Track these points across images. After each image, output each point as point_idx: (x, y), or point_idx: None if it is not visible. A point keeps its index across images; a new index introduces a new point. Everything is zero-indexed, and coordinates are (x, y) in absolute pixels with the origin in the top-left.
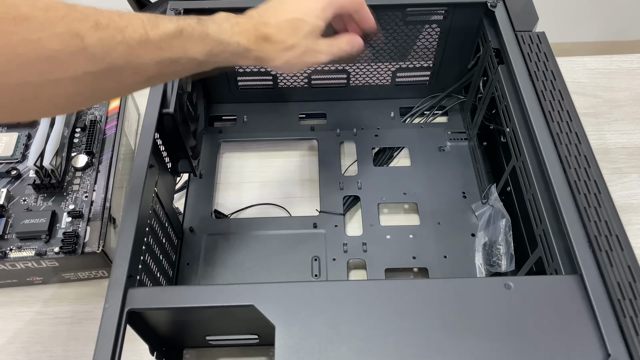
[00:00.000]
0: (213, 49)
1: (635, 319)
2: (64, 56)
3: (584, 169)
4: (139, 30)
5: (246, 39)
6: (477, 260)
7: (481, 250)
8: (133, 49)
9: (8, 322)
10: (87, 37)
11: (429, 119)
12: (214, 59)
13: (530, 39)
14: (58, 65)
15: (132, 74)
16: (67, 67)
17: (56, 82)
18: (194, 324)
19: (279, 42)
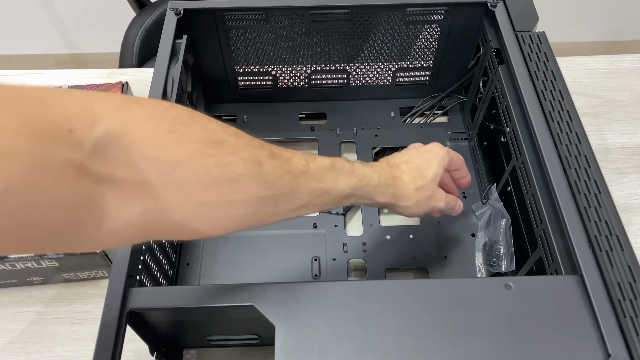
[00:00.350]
0: (358, 182)
1: (636, 319)
2: (245, 180)
3: (584, 169)
4: (302, 161)
5: (384, 176)
6: (477, 260)
7: (481, 251)
8: (296, 178)
9: (8, 322)
10: (264, 164)
11: (429, 119)
12: (358, 192)
13: (531, 39)
14: (238, 188)
15: (289, 201)
16: (244, 190)
17: (231, 204)
18: (194, 324)
19: (411, 182)
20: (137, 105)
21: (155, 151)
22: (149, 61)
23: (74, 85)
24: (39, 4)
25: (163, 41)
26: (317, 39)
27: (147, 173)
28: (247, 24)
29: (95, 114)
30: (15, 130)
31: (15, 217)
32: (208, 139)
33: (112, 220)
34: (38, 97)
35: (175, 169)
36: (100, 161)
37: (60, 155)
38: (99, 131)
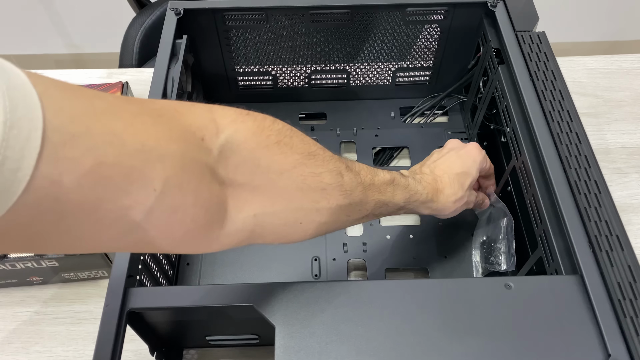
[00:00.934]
0: (411, 197)
1: (636, 319)
2: (331, 189)
3: (584, 169)
4: (368, 175)
5: (429, 191)
6: (474, 258)
7: (479, 248)
8: (366, 190)
9: (8, 322)
10: (344, 175)
11: (429, 119)
12: (409, 205)
13: (531, 39)
14: (325, 196)
15: (358, 211)
16: (329, 199)
17: (319, 211)
18: (194, 324)
19: (451, 195)
20: (250, 117)
21: (266, 159)
22: (149, 61)
23: None
24: (39, 4)
25: (163, 41)
26: (317, 39)
27: (260, 179)
28: (247, 24)
29: (218, 125)
30: (168, 137)
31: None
32: (306, 150)
33: (232, 223)
34: (174, 110)
35: (281, 177)
36: (225, 167)
37: (200, 159)
38: (222, 139)
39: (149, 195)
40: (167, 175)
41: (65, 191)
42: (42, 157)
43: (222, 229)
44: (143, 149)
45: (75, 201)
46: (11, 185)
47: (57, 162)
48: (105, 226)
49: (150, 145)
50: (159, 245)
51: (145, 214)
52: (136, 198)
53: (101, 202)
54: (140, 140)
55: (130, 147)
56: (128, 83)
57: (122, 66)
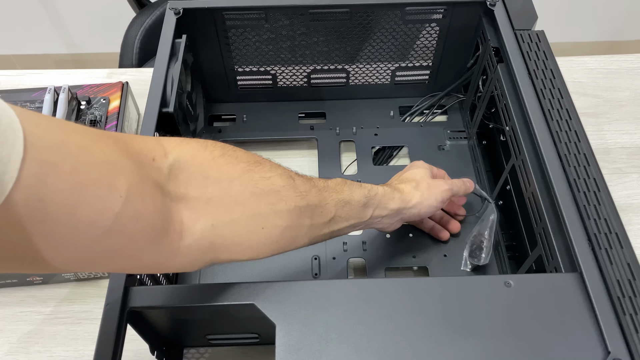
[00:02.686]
0: (369, 192)
1: (635, 316)
2: (285, 190)
3: (584, 167)
4: (320, 180)
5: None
6: (465, 252)
7: (469, 243)
8: (321, 191)
9: (8, 322)
10: (295, 179)
11: (428, 118)
12: (372, 201)
13: (530, 38)
14: (281, 198)
15: (320, 213)
16: (286, 200)
17: (278, 214)
18: (195, 322)
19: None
20: (192, 141)
21: (215, 171)
22: (149, 61)
23: (74, 86)
24: (39, 4)
25: (162, 41)
26: (317, 39)
27: (211, 190)
28: (247, 24)
29: (165, 147)
30: (126, 155)
31: (132, 222)
32: (251, 159)
33: (190, 234)
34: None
35: (231, 184)
36: (176, 183)
37: (153, 176)
38: (171, 159)
39: (116, 202)
40: (129, 184)
41: (49, 192)
42: (27, 160)
43: (181, 240)
44: (108, 161)
45: (57, 203)
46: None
47: (41, 165)
48: (81, 231)
49: (114, 159)
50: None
51: (114, 219)
52: (106, 203)
53: (78, 206)
54: (105, 154)
55: (98, 159)
56: (128, 83)
57: (122, 66)
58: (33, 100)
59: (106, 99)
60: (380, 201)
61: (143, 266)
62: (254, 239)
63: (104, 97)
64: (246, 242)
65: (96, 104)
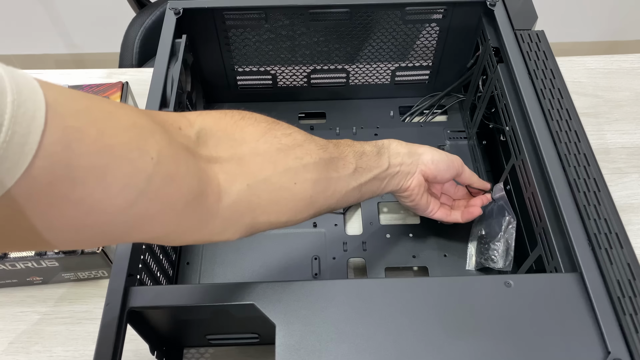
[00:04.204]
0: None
1: (635, 316)
2: (307, 144)
3: (584, 167)
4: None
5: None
6: (469, 250)
7: (476, 241)
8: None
9: (8, 322)
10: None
11: (428, 118)
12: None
13: (530, 38)
14: (306, 151)
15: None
16: (310, 153)
17: (306, 167)
18: (195, 322)
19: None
20: (212, 111)
21: (239, 133)
22: (149, 61)
23: (74, 86)
24: (39, 4)
25: (162, 41)
26: (317, 39)
27: (240, 150)
28: (247, 24)
29: (188, 118)
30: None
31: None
32: (269, 119)
33: (227, 195)
34: (148, 110)
35: (258, 143)
36: (206, 147)
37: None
38: (196, 127)
39: (147, 163)
40: (160, 146)
41: (75, 157)
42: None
43: (220, 201)
44: (135, 125)
45: (85, 167)
46: (19, 157)
47: (65, 130)
48: (113, 195)
49: (142, 123)
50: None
51: (146, 181)
52: (137, 165)
53: (107, 169)
54: (131, 118)
55: (125, 123)
56: (128, 83)
57: (122, 66)
58: None
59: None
60: (389, 147)
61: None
62: (289, 195)
63: (104, 97)
64: (282, 199)
65: None
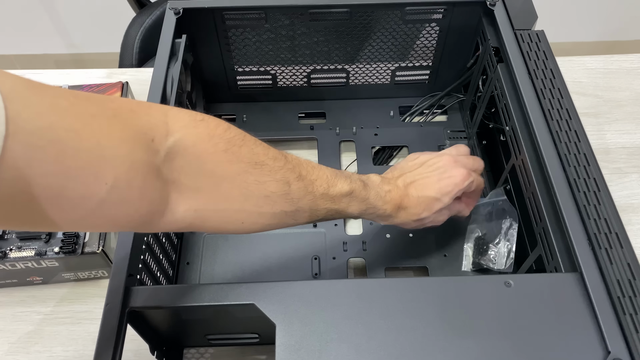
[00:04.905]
0: (367, 209)
1: (635, 316)
2: (275, 197)
3: (584, 167)
4: (323, 185)
5: (391, 208)
6: (465, 251)
7: (473, 242)
8: (316, 199)
9: (8, 322)
10: (292, 185)
11: (428, 118)
12: (364, 215)
13: (530, 38)
14: (269, 203)
15: (308, 216)
16: (273, 205)
17: (262, 214)
18: (195, 323)
19: (414, 214)
20: (203, 123)
21: (212, 165)
22: (149, 61)
23: (74, 86)
24: (39, 4)
25: (162, 41)
26: (317, 39)
27: (203, 182)
28: (247, 24)
29: (169, 127)
30: (120, 138)
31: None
32: (252, 160)
33: (172, 214)
34: (130, 110)
35: (224, 181)
36: (170, 168)
37: (147, 159)
38: (171, 142)
39: (101, 188)
40: (117, 173)
41: (35, 176)
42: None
43: (163, 217)
44: (98, 147)
45: (42, 186)
46: None
47: (28, 148)
48: (66, 210)
49: (104, 144)
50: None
51: (98, 204)
52: (91, 189)
53: (63, 190)
54: (96, 139)
55: (87, 144)
56: (128, 83)
57: (122, 66)
58: None
59: None
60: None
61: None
62: (231, 228)
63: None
64: (224, 226)
65: None
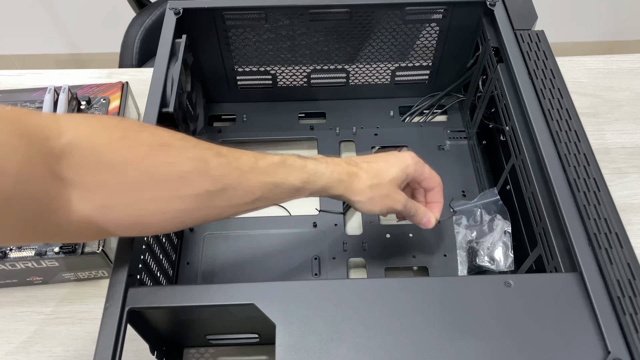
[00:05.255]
0: (310, 177)
1: (635, 316)
2: (192, 176)
3: (584, 167)
4: (250, 159)
5: (338, 172)
6: (459, 257)
7: (465, 247)
8: (244, 173)
9: (8, 322)
10: (210, 162)
11: (428, 118)
12: (309, 186)
13: (530, 38)
14: (186, 183)
15: (241, 195)
16: (193, 185)
17: (182, 198)
18: (195, 323)
19: (366, 180)
20: (94, 119)
21: (110, 155)
22: (149, 61)
23: (74, 85)
24: (39, 4)
25: (162, 41)
26: (317, 39)
27: (104, 175)
28: (247, 24)
29: (61, 127)
30: (12, 133)
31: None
32: (155, 142)
33: (75, 212)
34: (20, 112)
35: (127, 169)
36: (67, 166)
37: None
38: (65, 140)
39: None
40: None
41: None
42: None
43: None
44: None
45: None
46: None
47: None
48: None
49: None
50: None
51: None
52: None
53: None
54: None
55: None
56: (128, 83)
57: (122, 66)
58: (33, 100)
59: (106, 99)
60: (322, 187)
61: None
62: (154, 220)
63: (104, 97)
64: (146, 223)
65: (96, 104)
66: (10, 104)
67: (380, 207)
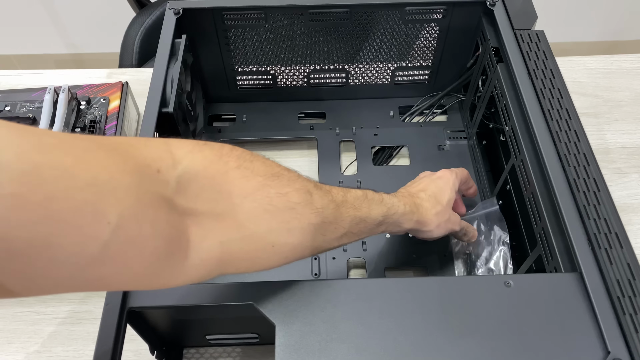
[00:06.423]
0: (388, 210)
1: (635, 316)
2: (301, 208)
3: (584, 167)
4: (340, 193)
5: (408, 204)
6: (457, 269)
7: (461, 259)
8: (338, 206)
9: (8, 322)
10: (313, 194)
11: (428, 118)
12: (388, 219)
13: (529, 38)
14: (296, 215)
15: (334, 229)
16: (300, 218)
17: (291, 231)
18: (194, 322)
19: (431, 208)
20: (207, 147)
21: (228, 185)
22: (149, 61)
23: (74, 85)
24: (39, 4)
25: (162, 41)
26: (317, 39)
27: (222, 205)
28: (247, 24)
29: (174, 156)
30: (122, 170)
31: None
32: (268, 172)
33: (196, 253)
34: (128, 144)
35: (244, 201)
36: (184, 197)
37: (156, 191)
38: (180, 170)
39: (103, 229)
40: (121, 207)
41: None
42: None
43: (187, 259)
44: (95, 182)
45: (24, 239)
46: None
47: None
48: (60, 263)
49: (103, 178)
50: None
51: (100, 249)
52: (89, 232)
53: (53, 238)
54: (91, 173)
55: (81, 180)
56: (128, 83)
57: (122, 66)
58: (33, 100)
59: (106, 99)
60: (397, 220)
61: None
62: (264, 256)
63: (104, 97)
64: (255, 258)
65: (96, 104)
66: (10, 103)
67: (444, 232)
